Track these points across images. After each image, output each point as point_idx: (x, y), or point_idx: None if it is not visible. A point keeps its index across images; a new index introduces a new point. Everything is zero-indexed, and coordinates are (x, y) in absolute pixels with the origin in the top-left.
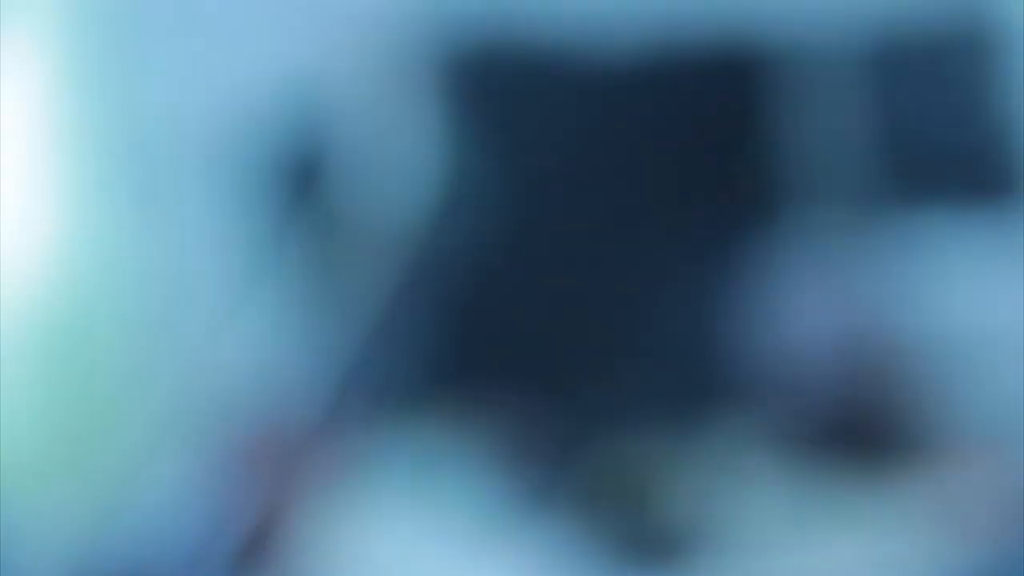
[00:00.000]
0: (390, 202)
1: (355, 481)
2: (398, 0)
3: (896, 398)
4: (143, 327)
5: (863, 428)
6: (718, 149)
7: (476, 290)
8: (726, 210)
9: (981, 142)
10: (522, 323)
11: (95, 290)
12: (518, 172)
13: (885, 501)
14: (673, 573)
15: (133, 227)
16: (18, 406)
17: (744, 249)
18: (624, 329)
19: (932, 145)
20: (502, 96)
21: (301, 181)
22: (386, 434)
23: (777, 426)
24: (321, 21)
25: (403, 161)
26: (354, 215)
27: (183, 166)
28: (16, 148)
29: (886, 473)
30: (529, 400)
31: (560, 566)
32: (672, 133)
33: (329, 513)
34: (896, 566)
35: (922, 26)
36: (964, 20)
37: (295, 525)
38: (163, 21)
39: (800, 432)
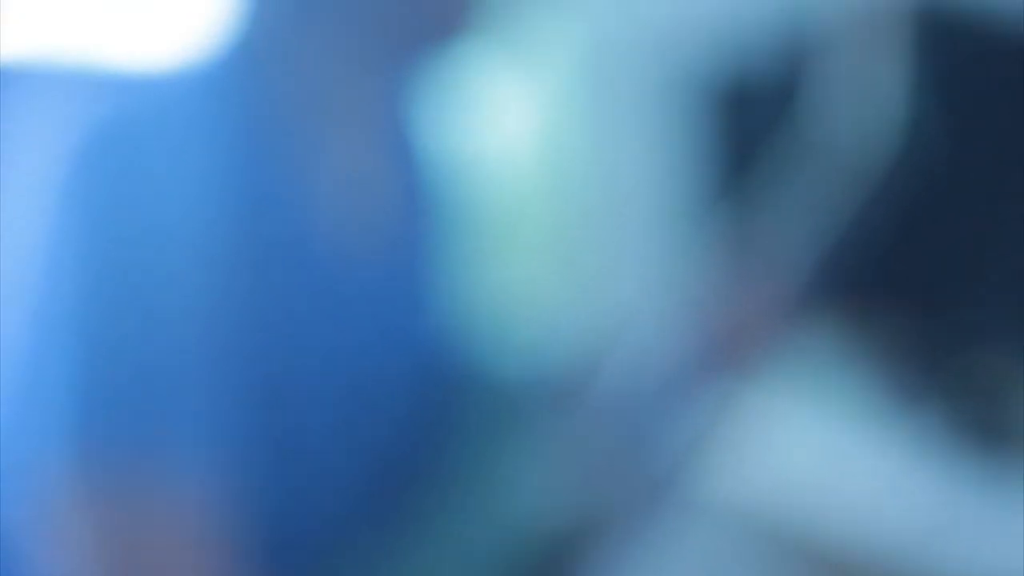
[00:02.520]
0: (850, 134)
1: (769, 373)
2: None
3: None
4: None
5: None
6: None
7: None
8: None
9: None
10: (910, 251)
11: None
12: (949, 116)
13: None
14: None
15: (588, 137)
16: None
17: None
18: (993, 263)
19: None
20: (948, 50)
21: (768, 106)
22: (794, 336)
23: None
24: None
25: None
26: (815, 144)
27: (646, 81)
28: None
29: None
30: (909, 315)
31: (928, 453)
32: None
33: (752, 394)
34: None
35: None
36: None
37: (758, 376)
38: None
39: None
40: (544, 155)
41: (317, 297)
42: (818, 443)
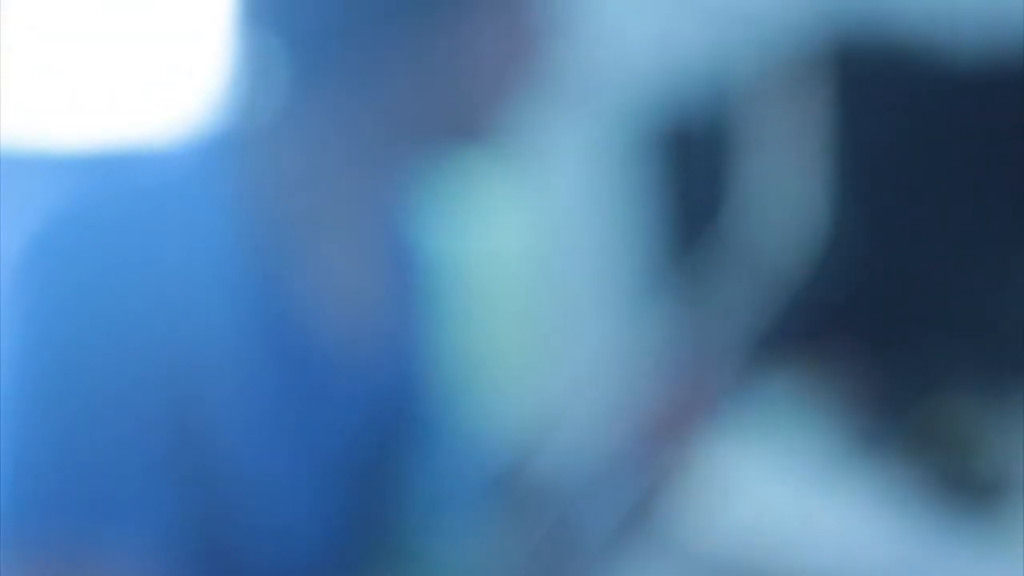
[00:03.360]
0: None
1: (720, 428)
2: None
3: None
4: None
5: None
6: None
7: (827, 262)
8: None
9: None
10: (865, 291)
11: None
12: (873, 156)
13: None
14: (988, 515)
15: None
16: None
17: None
18: (954, 303)
19: None
20: (866, 90)
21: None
22: (745, 386)
23: None
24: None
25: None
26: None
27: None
28: None
29: None
30: (869, 360)
31: (889, 504)
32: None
33: (701, 458)
34: None
35: None
36: None
37: (685, 473)
38: None
39: None
40: (507, 246)
41: (285, 388)
42: (782, 494)
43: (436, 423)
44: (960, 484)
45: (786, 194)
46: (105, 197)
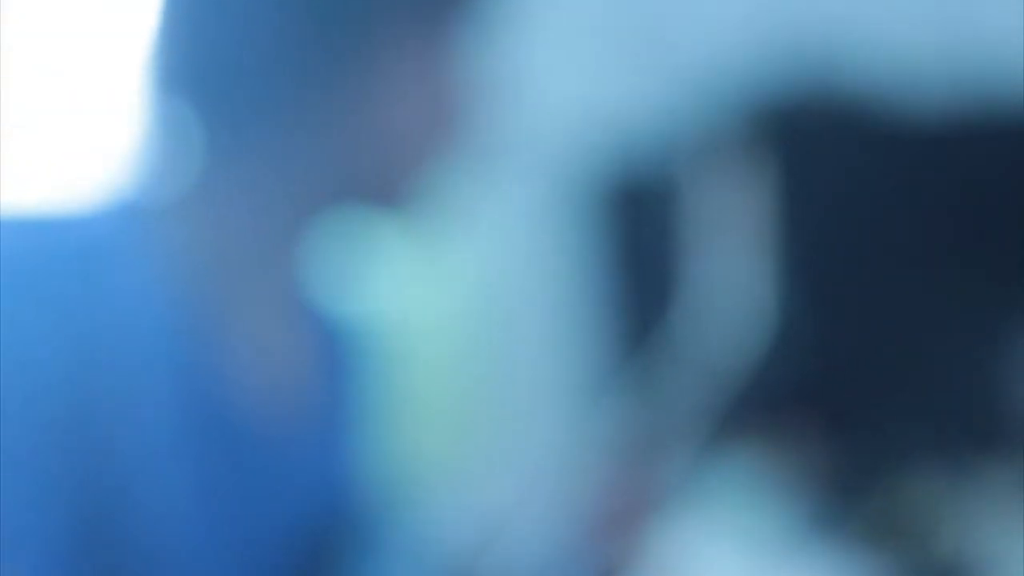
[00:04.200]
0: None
1: (675, 506)
2: (724, 50)
3: None
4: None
5: None
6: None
7: (779, 337)
8: (1018, 267)
9: None
10: (820, 365)
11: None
12: (827, 220)
13: None
14: None
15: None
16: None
17: None
18: (914, 376)
19: None
20: (816, 146)
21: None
22: (699, 469)
23: None
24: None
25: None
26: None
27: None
28: None
29: None
30: (826, 439)
31: None
32: (976, 188)
33: (654, 547)
34: None
35: None
36: None
37: (638, 565)
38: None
39: None
40: (448, 322)
41: (203, 462)
42: (739, 572)
43: (370, 509)
44: (919, 569)
45: (737, 264)
46: (16, 257)
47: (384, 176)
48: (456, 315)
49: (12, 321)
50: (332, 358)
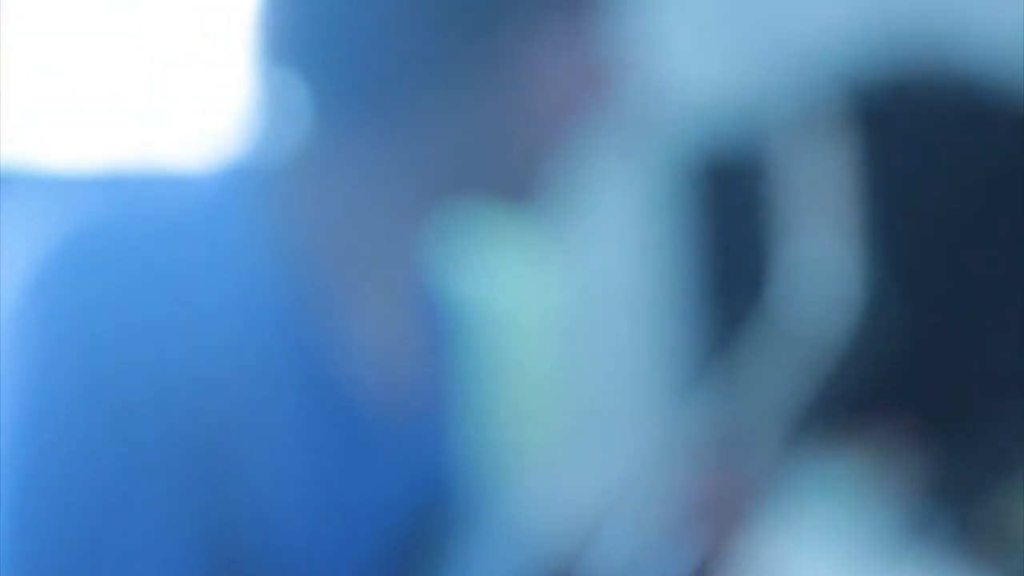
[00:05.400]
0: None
1: (769, 506)
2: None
3: None
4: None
5: None
6: None
7: (877, 333)
8: None
9: None
10: (920, 364)
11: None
12: (924, 206)
13: None
14: None
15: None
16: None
17: None
18: (1021, 377)
19: None
20: (915, 127)
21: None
22: (792, 469)
23: None
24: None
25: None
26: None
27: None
28: None
29: None
30: (926, 441)
31: None
32: None
33: (746, 545)
34: None
35: None
36: None
37: (731, 562)
38: None
39: None
40: (552, 315)
41: (315, 441)
42: None
43: (473, 498)
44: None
45: (828, 251)
46: (124, 220)
47: (515, 164)
48: (560, 308)
49: (123, 288)
50: (441, 341)
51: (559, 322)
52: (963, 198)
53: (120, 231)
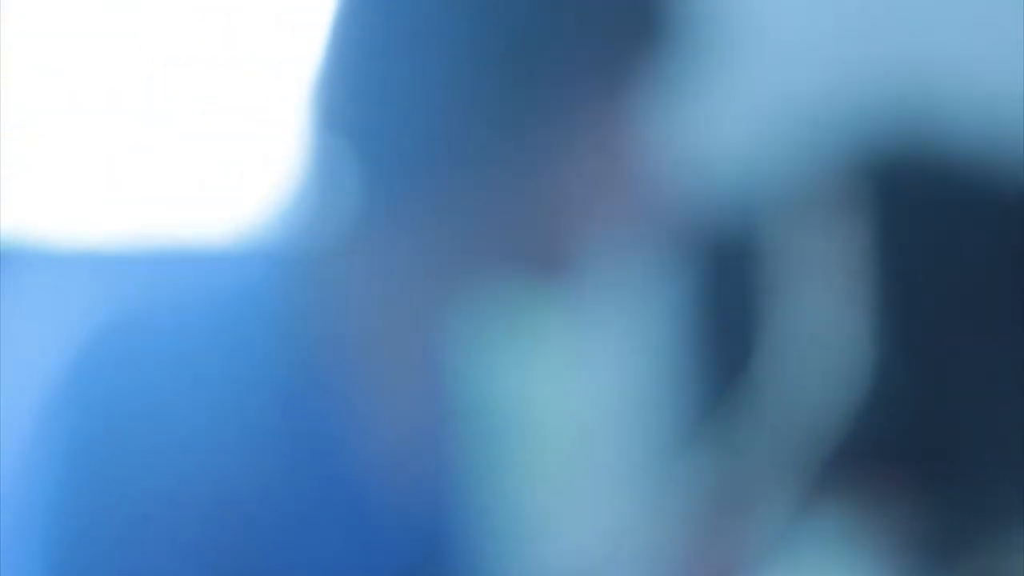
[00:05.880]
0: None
1: (765, 565)
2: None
3: None
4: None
5: None
6: None
7: (871, 392)
8: None
9: None
10: (915, 421)
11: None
12: (919, 280)
13: None
14: None
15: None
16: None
17: None
18: (1014, 434)
19: None
20: (911, 199)
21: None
22: (790, 527)
23: None
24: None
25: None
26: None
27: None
28: None
29: None
30: (920, 495)
31: None
32: None
33: None
34: None
35: None
36: None
37: None
38: None
39: None
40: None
41: (332, 518)
42: None
43: (474, 569)
44: None
45: (828, 319)
46: (158, 305)
47: (548, 245)
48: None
49: (149, 361)
50: (456, 422)
51: (564, 390)
52: (961, 265)
53: (153, 316)
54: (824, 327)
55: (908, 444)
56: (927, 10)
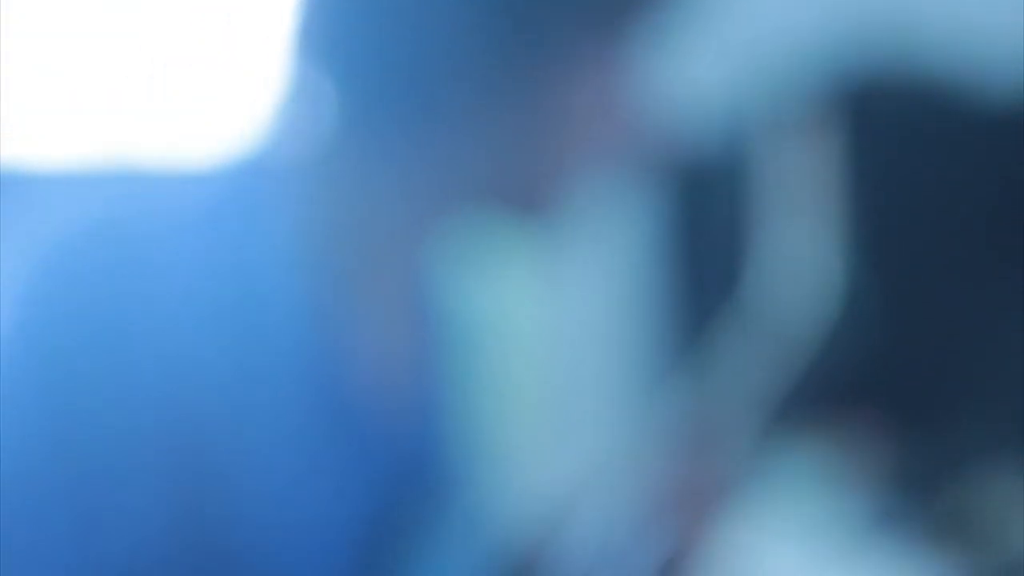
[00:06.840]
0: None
1: (739, 495)
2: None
3: None
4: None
5: None
6: None
7: (847, 322)
8: None
9: None
10: (890, 355)
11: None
12: (898, 204)
13: None
14: None
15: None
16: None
17: None
18: (988, 369)
19: None
20: (888, 125)
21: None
22: (763, 459)
23: None
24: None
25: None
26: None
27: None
28: None
29: None
30: (895, 432)
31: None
32: None
33: (717, 535)
34: None
35: None
36: None
37: (701, 552)
38: None
39: None
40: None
41: (312, 433)
42: (801, 570)
43: (454, 490)
44: (987, 570)
45: (804, 248)
46: (132, 216)
47: (530, 182)
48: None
49: (137, 277)
50: (438, 345)
51: (543, 318)
52: (938, 194)
53: (127, 227)
54: (804, 253)
55: (882, 376)
56: None
